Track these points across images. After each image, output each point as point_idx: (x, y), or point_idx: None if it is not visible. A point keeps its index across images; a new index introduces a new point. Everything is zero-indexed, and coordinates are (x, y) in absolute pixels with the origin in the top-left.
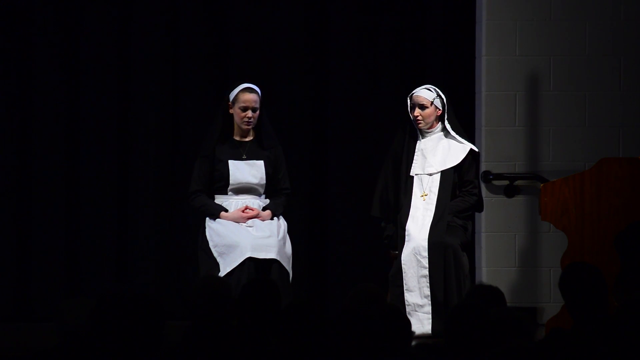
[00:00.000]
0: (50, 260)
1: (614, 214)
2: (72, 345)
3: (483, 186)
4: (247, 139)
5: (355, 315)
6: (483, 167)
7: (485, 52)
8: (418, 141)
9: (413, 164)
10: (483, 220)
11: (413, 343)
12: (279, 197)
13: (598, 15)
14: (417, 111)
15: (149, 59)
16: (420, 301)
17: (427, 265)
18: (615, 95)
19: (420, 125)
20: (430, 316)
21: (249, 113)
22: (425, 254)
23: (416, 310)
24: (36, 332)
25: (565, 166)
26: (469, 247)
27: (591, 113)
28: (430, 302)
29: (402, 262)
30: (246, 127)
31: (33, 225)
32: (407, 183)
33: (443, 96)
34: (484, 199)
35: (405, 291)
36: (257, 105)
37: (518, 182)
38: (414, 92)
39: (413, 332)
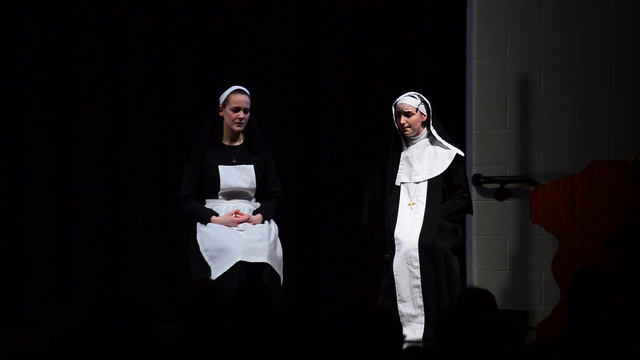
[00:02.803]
0: (41, 264)
1: (605, 216)
2: (62, 349)
3: (474, 189)
4: (236, 144)
5: (346, 319)
6: (474, 170)
7: (476, 55)
8: (403, 150)
9: (399, 173)
10: (474, 223)
11: (404, 347)
12: (270, 200)
13: (588, 19)
14: (403, 119)
15: (140, 62)
16: (413, 311)
17: (419, 276)
18: (606, 99)
19: (407, 132)
20: (423, 325)
21: (241, 114)
22: (417, 264)
23: (410, 321)
24: (26, 335)
25: (556, 169)
26: (460, 250)
27: (582, 116)
28: (423, 311)
29: (394, 272)
30: (237, 128)
31: (24, 228)
32: (394, 192)
33: (427, 101)
34: (474, 202)
35: (398, 302)
36: (248, 107)
37: (509, 185)
38: (397, 100)
39: (404, 336)
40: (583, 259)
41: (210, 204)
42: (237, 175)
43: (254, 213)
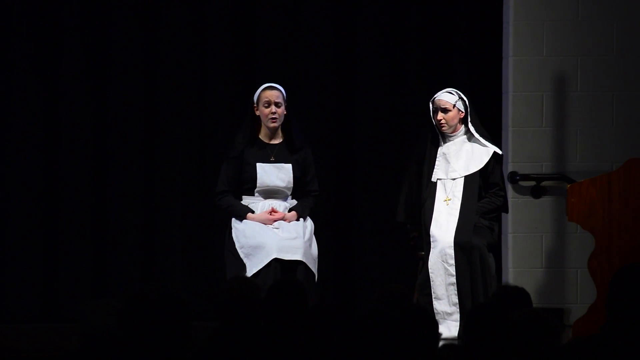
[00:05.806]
0: (77, 261)
1: None
2: (98, 346)
3: (510, 187)
4: (275, 142)
5: (381, 316)
6: (510, 168)
7: (512, 52)
8: (440, 146)
9: (435, 169)
10: (510, 221)
11: (439, 344)
12: (307, 199)
13: (626, 16)
14: (440, 115)
15: (177, 62)
16: (449, 309)
17: (454, 273)
18: None
19: (444, 129)
20: (458, 323)
21: (273, 108)
22: (452, 261)
23: (445, 319)
24: (62, 332)
25: (592, 167)
26: (496, 248)
27: (619, 114)
28: (458, 309)
29: (430, 269)
30: (272, 124)
31: (60, 226)
32: (430, 188)
33: (465, 98)
34: (510, 199)
35: (433, 299)
36: (280, 100)
37: (545, 183)
38: (435, 96)
39: (440, 333)
40: (619, 256)
41: (246, 200)
42: (275, 174)
43: (290, 211)
